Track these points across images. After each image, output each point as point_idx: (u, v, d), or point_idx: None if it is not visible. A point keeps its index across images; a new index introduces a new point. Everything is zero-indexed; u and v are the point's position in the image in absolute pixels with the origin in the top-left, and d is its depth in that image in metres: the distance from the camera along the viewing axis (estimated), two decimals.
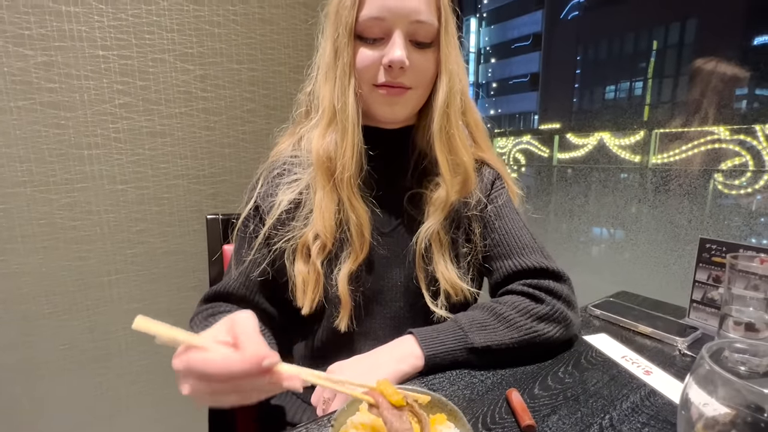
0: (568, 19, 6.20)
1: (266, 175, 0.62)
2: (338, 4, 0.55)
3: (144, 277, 1.10)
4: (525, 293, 0.57)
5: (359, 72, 0.56)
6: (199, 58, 1.08)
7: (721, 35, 2.31)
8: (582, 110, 4.86)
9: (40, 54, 0.91)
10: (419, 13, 0.53)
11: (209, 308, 0.57)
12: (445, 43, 0.56)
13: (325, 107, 0.58)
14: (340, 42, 0.55)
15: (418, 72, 0.56)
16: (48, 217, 0.97)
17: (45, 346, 1.01)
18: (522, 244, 0.61)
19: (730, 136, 1.91)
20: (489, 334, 0.53)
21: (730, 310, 0.58)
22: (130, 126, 1.02)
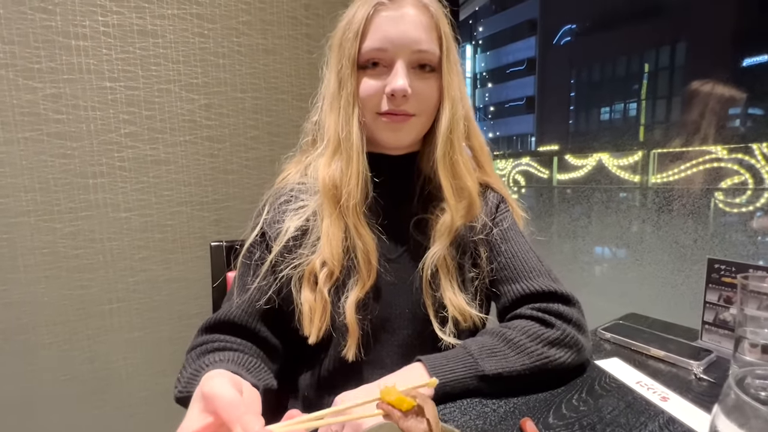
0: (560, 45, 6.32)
1: (272, 202, 0.62)
2: (341, 37, 0.57)
3: (146, 305, 1.09)
4: (534, 317, 0.56)
5: (363, 101, 0.57)
6: (204, 87, 1.10)
7: (711, 57, 2.36)
8: (579, 132, 4.90)
9: (48, 86, 0.93)
10: (420, 42, 0.55)
11: (207, 342, 0.55)
12: (447, 71, 0.57)
13: (331, 136, 0.58)
14: (343, 73, 0.56)
15: (420, 99, 0.57)
16: (51, 246, 0.97)
17: (46, 378, 0.99)
18: (529, 267, 0.61)
19: (728, 155, 1.93)
20: (500, 360, 0.52)
21: (744, 332, 0.57)
22: (135, 155, 1.04)
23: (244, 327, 0.57)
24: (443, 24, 0.57)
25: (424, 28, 0.55)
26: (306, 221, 0.59)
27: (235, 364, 0.50)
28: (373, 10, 0.55)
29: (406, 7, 0.55)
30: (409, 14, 0.55)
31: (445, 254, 0.59)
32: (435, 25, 0.57)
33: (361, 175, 0.57)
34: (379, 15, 0.55)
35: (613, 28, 3.43)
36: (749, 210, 1.48)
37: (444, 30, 0.57)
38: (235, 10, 1.12)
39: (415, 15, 0.55)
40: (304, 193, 0.61)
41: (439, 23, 0.57)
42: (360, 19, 0.55)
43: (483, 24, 22.05)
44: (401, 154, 0.63)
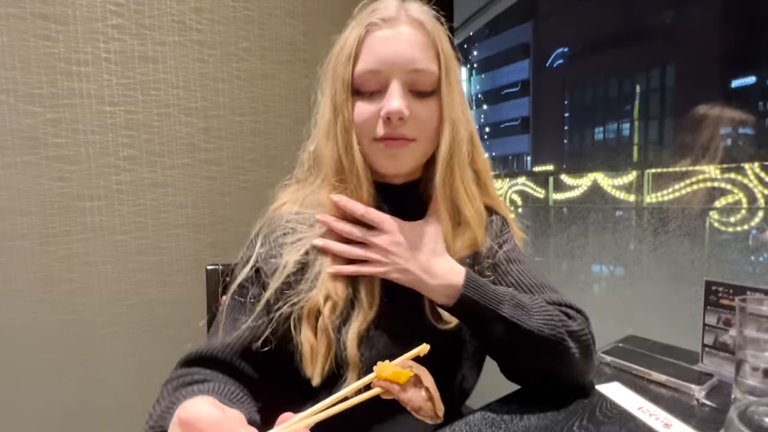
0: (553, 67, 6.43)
1: (267, 234, 0.58)
2: (334, 61, 0.55)
3: (139, 329, 1.07)
4: (560, 310, 0.55)
5: (358, 127, 0.54)
6: (203, 111, 1.12)
7: (700, 79, 2.42)
8: (573, 151, 4.95)
9: (49, 111, 0.94)
10: (416, 61, 0.52)
11: (185, 375, 0.50)
12: (446, 91, 0.54)
13: (330, 166, 0.56)
14: (338, 99, 0.54)
15: (419, 123, 0.53)
16: (45, 270, 0.96)
17: (33, 406, 0.96)
18: (540, 283, 0.60)
19: (721, 175, 1.95)
20: (523, 315, 0.51)
21: (745, 355, 0.57)
22: (133, 177, 1.04)
23: (228, 364, 0.52)
24: (442, 42, 0.54)
25: (420, 46, 0.52)
26: (305, 255, 0.55)
27: (216, 394, 0.46)
28: (366, 31, 0.53)
29: (399, 26, 0.53)
30: (403, 33, 0.52)
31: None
32: (432, 43, 0.54)
33: (369, 203, 0.55)
34: (371, 36, 0.53)
35: (603, 51, 3.50)
36: (744, 229, 1.49)
37: (442, 48, 0.54)
38: (235, 37, 1.15)
39: (409, 33, 0.53)
40: (301, 224, 0.57)
41: (436, 41, 0.54)
42: (352, 42, 0.53)
43: (477, 47, 22.60)
44: (402, 183, 0.59)
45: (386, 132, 0.53)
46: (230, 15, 1.14)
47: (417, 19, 0.54)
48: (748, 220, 1.60)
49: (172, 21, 1.06)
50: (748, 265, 1.26)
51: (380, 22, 0.53)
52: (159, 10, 1.04)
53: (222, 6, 1.13)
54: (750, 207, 1.58)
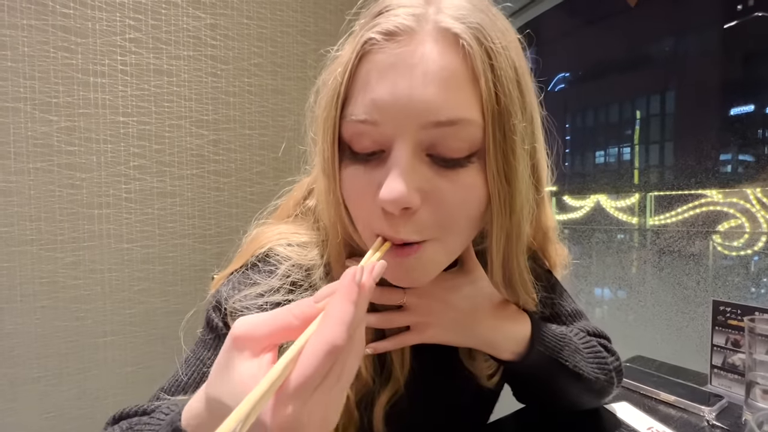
0: (555, 91, 6.57)
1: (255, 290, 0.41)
2: (321, 93, 0.38)
3: (141, 338, 1.06)
4: (599, 343, 0.54)
5: (352, 205, 0.37)
6: (214, 124, 1.14)
7: (700, 106, 2.46)
8: (575, 173, 5.00)
9: (64, 120, 0.96)
10: (439, 109, 0.31)
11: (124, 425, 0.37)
12: (498, 157, 0.32)
13: (340, 239, 0.40)
14: (325, 158, 0.36)
15: (442, 211, 0.33)
16: (51, 276, 0.96)
17: (29, 414, 0.95)
18: (576, 312, 0.58)
19: (723, 199, 1.97)
20: (581, 360, 0.48)
21: (755, 377, 0.56)
22: (142, 187, 1.05)
23: None
24: (498, 68, 0.32)
25: (450, 81, 0.31)
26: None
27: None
28: (361, 53, 0.33)
29: (415, 45, 0.31)
30: (420, 58, 0.31)
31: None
32: (472, 71, 0.31)
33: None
34: (369, 61, 0.33)
35: (603, 76, 3.57)
36: (748, 253, 1.50)
37: (498, 79, 0.31)
38: (248, 53, 1.18)
39: (432, 59, 0.31)
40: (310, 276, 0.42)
41: (481, 68, 0.31)
42: (342, 70, 0.34)
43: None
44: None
45: (387, 231, 0.34)
46: (244, 32, 1.17)
47: (449, 30, 0.31)
48: (751, 244, 1.60)
49: (188, 36, 1.09)
50: (755, 286, 1.25)
51: (382, 39, 0.32)
52: (175, 25, 1.07)
53: (236, 23, 1.16)
54: (754, 232, 1.58)
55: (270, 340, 0.24)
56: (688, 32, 2.53)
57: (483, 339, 0.43)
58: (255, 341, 0.24)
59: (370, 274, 0.26)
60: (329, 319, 0.23)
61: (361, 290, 0.24)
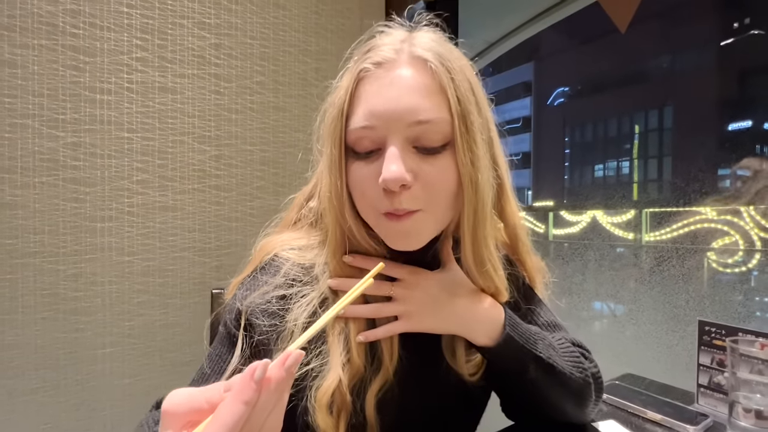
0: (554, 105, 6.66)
1: (262, 289, 0.49)
2: (328, 115, 0.48)
3: (139, 350, 1.08)
4: (577, 350, 0.56)
5: (358, 195, 0.46)
6: (216, 140, 1.16)
7: (698, 121, 2.50)
8: (574, 187, 5.06)
9: (70, 135, 0.99)
10: (418, 112, 0.42)
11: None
12: (462, 143, 0.43)
13: (338, 234, 0.49)
14: (333, 162, 0.46)
15: (429, 186, 0.44)
16: (52, 288, 0.98)
17: (26, 425, 0.95)
18: (554, 323, 0.60)
19: (718, 216, 1.99)
20: (555, 355, 0.50)
21: (737, 396, 0.58)
22: (144, 201, 1.07)
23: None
24: (456, 78, 0.44)
25: (423, 91, 0.43)
26: (311, 315, 0.47)
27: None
28: (357, 79, 0.45)
29: (397, 69, 0.44)
30: (401, 77, 0.43)
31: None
32: (441, 85, 0.43)
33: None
34: (364, 84, 0.44)
35: (602, 91, 3.65)
36: (743, 270, 1.51)
37: (457, 88, 0.43)
38: (251, 72, 1.21)
39: (410, 77, 0.43)
40: (308, 274, 0.50)
41: (446, 82, 0.43)
42: (344, 92, 0.45)
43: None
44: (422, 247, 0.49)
45: (388, 207, 0.44)
46: (247, 51, 1.21)
47: (420, 57, 0.44)
48: (746, 261, 1.62)
49: (193, 55, 1.13)
50: (751, 303, 1.27)
51: (372, 67, 0.44)
52: (181, 45, 1.11)
53: (240, 43, 1.20)
54: (748, 249, 1.60)
55: (187, 418, 0.29)
56: (686, 49, 2.59)
57: (460, 322, 0.48)
58: (176, 418, 0.29)
59: (281, 366, 0.29)
60: (214, 420, 0.27)
61: (265, 384, 0.28)
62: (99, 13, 1.01)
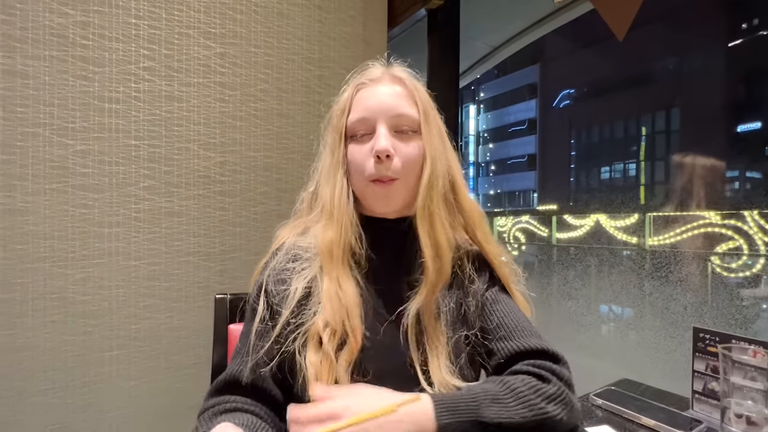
0: (560, 107, 6.58)
1: (275, 265, 0.65)
2: (332, 114, 0.66)
3: (145, 353, 1.10)
4: (532, 373, 0.57)
5: (354, 167, 0.63)
6: (221, 146, 1.19)
7: (705, 123, 2.50)
8: (579, 189, 5.03)
9: (79, 143, 1.02)
10: (397, 107, 0.62)
11: (219, 404, 0.57)
12: (426, 131, 0.63)
13: (325, 203, 0.64)
14: (334, 144, 0.64)
15: (404, 160, 0.61)
16: (61, 292, 1.01)
17: (35, 426, 0.98)
18: (521, 327, 0.62)
19: (721, 221, 1.98)
20: (501, 409, 0.52)
21: (729, 402, 0.58)
22: (151, 206, 1.10)
23: (254, 387, 0.58)
24: (419, 92, 0.65)
25: (399, 96, 0.63)
26: (309, 282, 0.61)
27: (246, 428, 0.52)
28: (356, 90, 0.64)
29: (382, 83, 0.64)
30: (385, 88, 0.63)
31: (425, 310, 0.60)
32: (411, 94, 0.64)
33: (350, 233, 0.61)
34: (360, 92, 0.64)
35: (608, 93, 3.57)
36: (746, 275, 1.51)
37: (420, 96, 0.64)
38: (255, 80, 1.24)
39: (391, 87, 0.63)
40: (306, 252, 0.64)
41: (414, 92, 0.64)
42: (346, 99, 0.64)
43: (486, 87, 23.29)
44: (395, 218, 0.66)
45: (377, 173, 0.60)
46: (252, 60, 1.24)
47: (397, 76, 0.65)
48: (750, 266, 1.61)
49: (198, 65, 1.15)
50: (754, 306, 1.27)
51: (367, 82, 0.64)
52: (187, 54, 1.14)
53: (244, 51, 1.22)
54: (751, 254, 1.60)
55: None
56: (693, 51, 2.57)
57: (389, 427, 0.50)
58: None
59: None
60: None
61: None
62: (108, 24, 1.04)
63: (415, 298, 0.61)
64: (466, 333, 0.64)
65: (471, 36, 2.54)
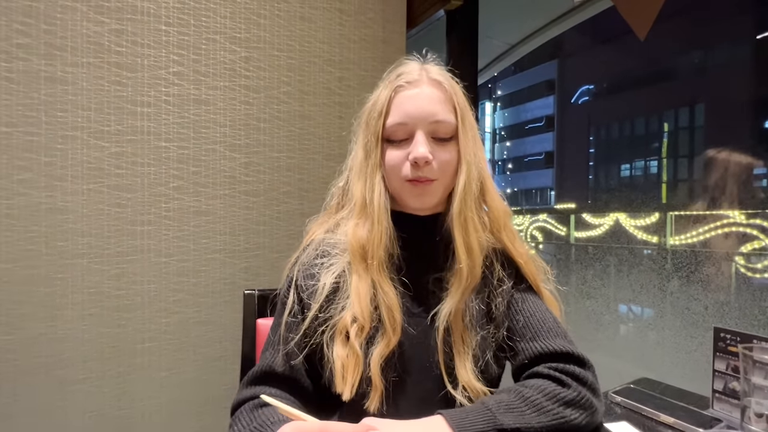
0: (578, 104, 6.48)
1: (305, 260, 0.67)
2: (368, 116, 0.66)
3: (174, 345, 1.15)
4: (551, 377, 0.57)
5: (389, 169, 0.64)
6: (245, 148, 1.23)
7: (729, 119, 2.46)
8: (599, 187, 4.98)
9: (114, 146, 1.07)
10: (437, 114, 0.62)
11: (256, 396, 0.58)
12: (463, 137, 0.64)
13: (357, 200, 0.65)
14: (369, 146, 0.65)
15: (441, 164, 0.63)
16: (97, 287, 1.06)
17: (73, 413, 1.04)
18: (547, 327, 0.63)
19: (746, 220, 1.94)
20: (517, 416, 0.52)
21: (749, 402, 0.59)
22: (180, 206, 1.15)
23: (287, 378, 0.61)
24: (457, 96, 0.65)
25: (439, 101, 0.63)
26: (338, 278, 0.63)
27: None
28: (394, 92, 0.64)
29: (422, 86, 0.64)
30: (425, 92, 0.63)
31: (456, 311, 0.62)
32: (449, 98, 0.64)
33: (386, 236, 0.62)
34: (399, 95, 0.64)
35: (629, 89, 3.51)
36: (765, 276, 1.48)
37: (458, 101, 0.64)
38: (278, 82, 1.27)
39: (430, 92, 0.63)
40: (335, 248, 0.66)
41: (452, 96, 0.64)
42: (383, 100, 0.64)
43: (503, 83, 23.02)
44: (428, 215, 0.67)
45: (413, 175, 0.62)
46: (275, 63, 1.27)
47: (435, 79, 0.65)
48: None
49: (224, 69, 1.19)
50: None
51: (405, 84, 0.64)
52: (214, 59, 1.18)
53: (268, 55, 1.26)
54: None
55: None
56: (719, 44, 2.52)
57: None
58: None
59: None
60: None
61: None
62: (140, 31, 1.09)
63: (447, 300, 0.62)
64: (493, 332, 0.65)
65: (489, 35, 2.53)
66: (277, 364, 0.61)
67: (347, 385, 0.57)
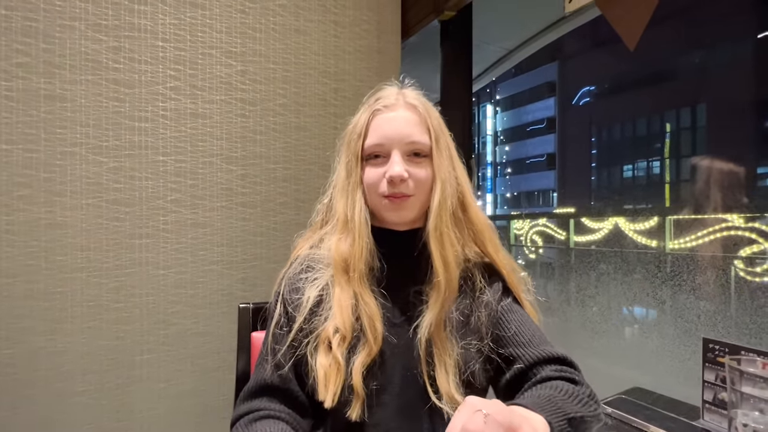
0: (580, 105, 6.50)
1: (291, 275, 0.70)
2: (349, 137, 0.70)
3: (172, 357, 1.16)
4: (565, 378, 0.60)
5: (368, 186, 0.68)
6: (242, 160, 1.25)
7: (732, 119, 2.46)
8: (601, 187, 4.98)
9: (112, 161, 1.08)
10: (411, 135, 0.66)
11: (253, 411, 0.61)
12: (437, 156, 0.68)
13: (340, 216, 0.69)
14: (350, 165, 0.69)
15: (416, 181, 0.66)
16: (96, 300, 1.08)
17: (71, 426, 1.05)
18: (539, 334, 0.66)
19: (745, 224, 1.93)
20: (573, 406, 0.54)
21: (735, 413, 0.60)
22: (178, 218, 1.16)
23: (279, 389, 0.63)
24: (432, 118, 0.69)
25: (414, 124, 0.67)
26: (322, 290, 0.66)
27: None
28: (372, 114, 0.68)
29: (398, 110, 0.68)
30: (401, 115, 0.67)
31: (438, 322, 0.64)
32: (424, 121, 0.68)
33: (366, 250, 0.65)
34: (377, 118, 0.68)
35: (631, 89, 3.54)
36: (764, 281, 1.48)
37: (432, 123, 0.69)
38: (274, 95, 1.29)
39: (406, 115, 0.67)
40: (319, 263, 0.69)
41: (427, 119, 0.68)
42: (363, 123, 0.68)
43: (504, 86, 23.07)
44: (406, 230, 0.70)
45: (390, 191, 0.66)
46: (270, 75, 1.29)
47: (411, 103, 0.69)
48: None
49: (221, 82, 1.21)
50: None
51: (383, 108, 0.68)
52: (210, 73, 1.20)
53: (264, 68, 1.28)
54: None
55: None
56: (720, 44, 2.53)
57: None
58: None
59: None
60: None
61: None
62: (137, 48, 1.11)
63: (427, 311, 0.65)
64: (476, 343, 0.67)
65: (485, 41, 2.55)
66: (269, 376, 0.63)
67: (329, 392, 0.59)
